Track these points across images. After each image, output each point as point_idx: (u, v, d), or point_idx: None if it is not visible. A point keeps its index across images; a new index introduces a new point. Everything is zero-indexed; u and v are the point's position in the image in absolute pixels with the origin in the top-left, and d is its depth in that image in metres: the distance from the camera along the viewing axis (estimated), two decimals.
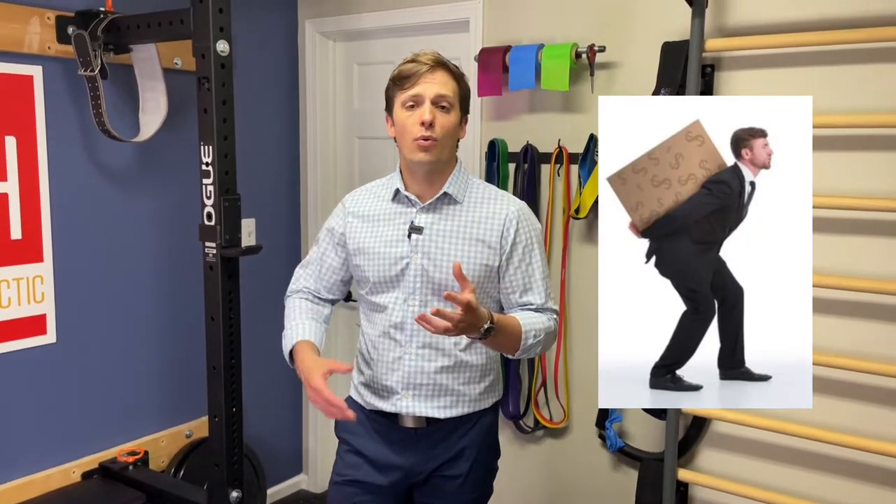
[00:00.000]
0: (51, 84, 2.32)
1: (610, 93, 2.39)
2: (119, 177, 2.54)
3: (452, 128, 1.69)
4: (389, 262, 1.73)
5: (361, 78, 3.10)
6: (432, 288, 1.72)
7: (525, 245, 1.74)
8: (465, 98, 1.74)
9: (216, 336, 2.21)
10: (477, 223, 1.72)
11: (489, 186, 1.81)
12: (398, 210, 1.76)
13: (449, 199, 1.73)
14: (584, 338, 2.53)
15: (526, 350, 1.67)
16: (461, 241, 1.71)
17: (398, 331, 1.75)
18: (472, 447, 1.79)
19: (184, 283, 2.75)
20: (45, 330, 2.37)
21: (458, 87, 1.70)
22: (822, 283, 2.03)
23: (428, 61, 1.67)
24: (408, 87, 1.66)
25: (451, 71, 1.70)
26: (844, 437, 2.04)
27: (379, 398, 1.78)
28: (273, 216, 3.12)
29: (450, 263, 1.70)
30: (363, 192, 1.86)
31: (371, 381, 1.80)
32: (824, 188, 2.08)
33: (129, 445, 2.61)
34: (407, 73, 1.67)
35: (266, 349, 2.90)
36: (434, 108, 1.65)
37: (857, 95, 2.03)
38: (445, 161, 1.72)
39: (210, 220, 2.17)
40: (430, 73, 1.66)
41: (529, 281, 1.74)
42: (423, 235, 1.72)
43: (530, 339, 1.66)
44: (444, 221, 1.72)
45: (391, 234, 1.75)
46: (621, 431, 2.48)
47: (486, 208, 1.74)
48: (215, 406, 2.24)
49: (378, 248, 1.75)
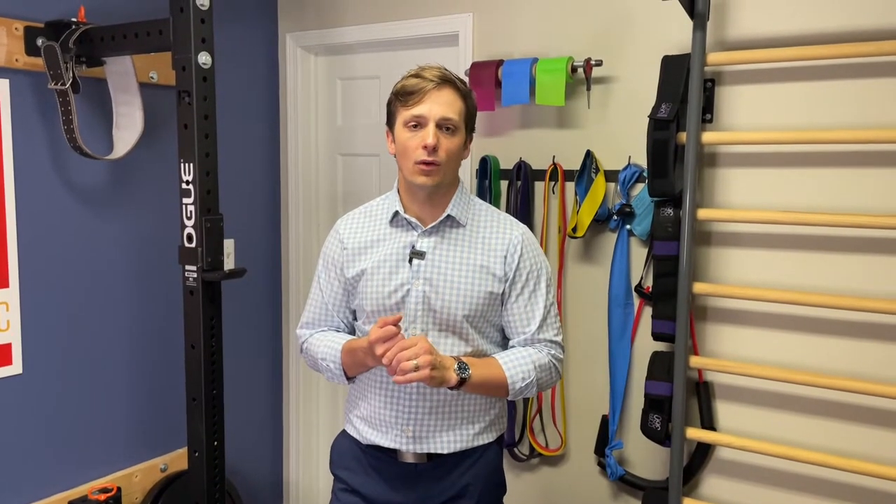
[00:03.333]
0: (18, 98, 2.18)
1: (607, 108, 2.32)
2: (91, 196, 2.40)
3: (457, 151, 1.60)
4: (389, 291, 1.64)
5: (344, 93, 3.01)
6: (433, 317, 1.62)
7: (529, 272, 1.65)
8: (472, 117, 1.64)
9: (197, 365, 2.07)
10: (481, 249, 1.63)
11: (491, 208, 1.72)
12: (397, 234, 1.66)
13: (452, 221, 1.64)
14: (582, 361, 2.44)
15: (519, 392, 1.61)
16: (465, 268, 1.62)
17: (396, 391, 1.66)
18: (477, 483, 1.68)
19: (158, 310, 2.61)
20: (10, 360, 2.22)
21: (464, 107, 1.61)
22: (832, 304, 1.97)
23: (434, 78, 1.57)
24: (411, 105, 1.56)
25: (458, 89, 1.60)
26: (853, 463, 1.97)
27: (377, 432, 1.67)
28: (252, 237, 3.00)
29: (453, 291, 1.61)
30: (358, 217, 1.75)
31: (368, 415, 1.69)
32: (828, 205, 2.03)
33: (100, 482, 2.45)
34: (411, 90, 1.57)
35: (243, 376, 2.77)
36: (438, 132, 1.55)
37: (860, 110, 1.98)
38: (448, 184, 1.62)
39: (191, 241, 2.04)
40: (435, 91, 1.56)
41: (532, 311, 1.65)
42: (426, 261, 1.62)
43: (518, 382, 1.59)
44: (448, 246, 1.63)
45: (390, 260, 1.65)
46: (622, 459, 2.39)
47: (491, 233, 1.65)
48: (195, 440, 2.10)
49: (376, 276, 1.65)
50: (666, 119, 2.07)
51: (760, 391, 2.17)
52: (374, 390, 1.67)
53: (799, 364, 2.10)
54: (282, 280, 3.12)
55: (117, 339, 2.51)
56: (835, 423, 2.07)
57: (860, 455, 2.03)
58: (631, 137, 2.28)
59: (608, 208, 2.33)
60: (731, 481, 2.23)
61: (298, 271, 3.09)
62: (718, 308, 2.21)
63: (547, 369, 1.65)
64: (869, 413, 2.03)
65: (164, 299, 2.61)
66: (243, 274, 2.11)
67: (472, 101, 1.65)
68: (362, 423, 1.71)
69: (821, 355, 2.07)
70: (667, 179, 2.09)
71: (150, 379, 2.62)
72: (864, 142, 1.94)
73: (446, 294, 1.61)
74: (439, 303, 1.61)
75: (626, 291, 2.33)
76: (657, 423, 2.16)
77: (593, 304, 2.40)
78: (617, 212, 2.30)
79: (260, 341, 3.03)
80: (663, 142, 2.08)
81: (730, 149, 2.16)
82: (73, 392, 2.39)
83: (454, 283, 1.61)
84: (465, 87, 1.63)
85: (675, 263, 2.13)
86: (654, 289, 2.18)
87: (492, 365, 1.59)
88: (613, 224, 2.33)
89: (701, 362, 2.16)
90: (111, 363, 2.49)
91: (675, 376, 2.13)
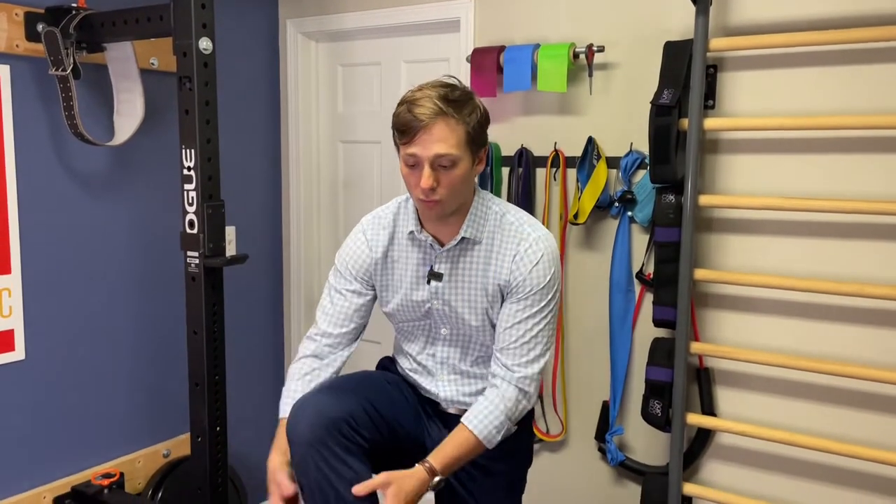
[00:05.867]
0: (19, 84, 2.18)
1: (609, 95, 2.32)
2: (93, 183, 2.40)
3: (459, 181, 1.54)
4: (413, 305, 1.70)
5: (346, 80, 3.00)
6: (455, 325, 1.70)
7: (526, 296, 1.61)
8: (477, 137, 1.54)
9: (199, 351, 2.08)
10: (494, 265, 1.63)
11: (509, 214, 1.66)
12: (416, 252, 1.68)
13: (467, 242, 1.64)
14: (583, 348, 2.45)
15: (498, 440, 1.62)
16: (477, 291, 1.65)
17: (430, 358, 1.76)
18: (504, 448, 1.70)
19: (160, 296, 2.61)
20: (12, 346, 2.22)
21: (465, 133, 1.50)
22: (833, 290, 1.97)
23: (425, 116, 1.47)
24: (405, 144, 1.51)
25: (453, 117, 1.49)
26: (854, 448, 1.98)
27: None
28: (253, 224, 3.00)
29: (467, 308, 1.66)
30: (380, 224, 1.73)
31: None
32: (829, 191, 2.03)
33: (103, 467, 2.46)
34: (403, 127, 1.50)
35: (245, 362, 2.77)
36: (434, 171, 1.50)
37: (863, 96, 1.97)
38: (459, 205, 1.61)
39: (192, 227, 2.04)
40: (426, 130, 1.47)
41: (515, 336, 1.62)
42: (443, 283, 1.65)
43: (495, 436, 1.60)
44: (464, 266, 1.65)
45: (412, 278, 1.69)
46: (622, 444, 2.40)
47: (504, 247, 1.63)
48: (198, 426, 2.11)
49: (401, 292, 1.71)
50: (668, 105, 2.06)
51: (761, 377, 2.17)
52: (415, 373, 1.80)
53: (800, 350, 2.11)
54: (283, 267, 3.13)
55: (120, 326, 2.51)
56: (835, 408, 2.08)
57: (860, 440, 2.04)
58: (633, 124, 2.27)
59: (610, 195, 2.33)
60: (731, 466, 2.24)
61: (300, 258, 3.09)
62: (719, 294, 2.21)
63: (517, 411, 1.63)
64: (869, 398, 2.03)
65: (166, 286, 2.62)
66: (245, 260, 2.11)
67: (473, 119, 1.52)
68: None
69: (822, 341, 2.08)
70: (668, 166, 2.09)
71: (153, 365, 2.63)
72: (867, 128, 1.94)
73: (464, 312, 1.66)
74: (456, 317, 1.68)
75: (627, 278, 2.33)
76: (658, 408, 2.17)
77: (594, 291, 2.40)
78: (618, 198, 2.30)
79: (262, 328, 3.04)
80: (665, 128, 2.08)
81: (732, 135, 2.15)
82: (76, 378, 2.40)
83: (470, 302, 1.65)
84: (463, 110, 1.50)
85: (676, 250, 2.13)
86: (656, 275, 2.18)
87: (456, 442, 1.59)
88: (615, 211, 2.33)
89: (702, 348, 2.17)
90: (113, 349, 2.50)
91: (676, 362, 2.14)
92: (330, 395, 1.58)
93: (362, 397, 1.61)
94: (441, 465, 1.54)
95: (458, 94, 1.52)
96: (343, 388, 1.64)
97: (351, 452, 1.53)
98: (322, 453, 1.50)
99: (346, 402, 1.56)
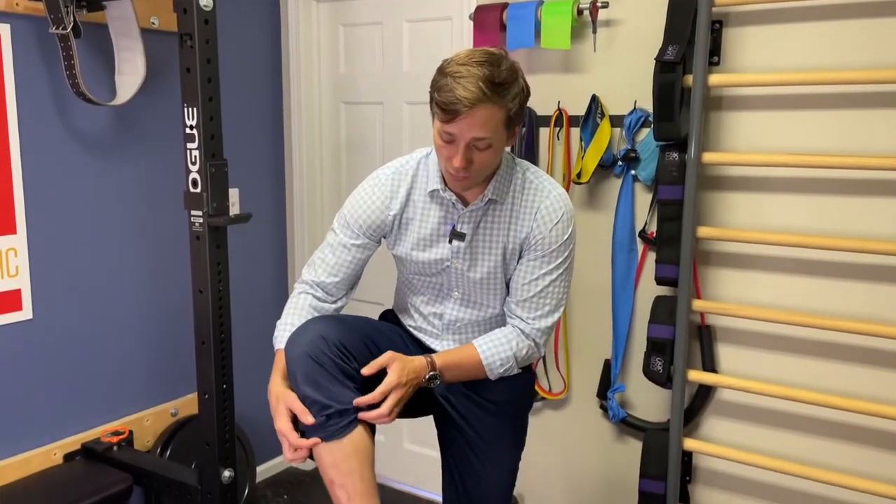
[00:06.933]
0: (20, 43, 2.17)
1: (613, 52, 2.30)
2: (96, 142, 2.40)
3: (491, 159, 1.54)
4: (430, 263, 1.70)
5: (347, 40, 2.97)
6: (472, 285, 1.70)
7: (544, 254, 1.64)
8: (517, 118, 1.54)
9: (204, 309, 2.10)
10: (515, 225, 1.64)
11: (530, 173, 1.67)
12: (437, 209, 1.68)
13: (492, 203, 1.65)
14: (585, 306, 2.46)
15: (498, 374, 1.66)
16: (498, 251, 1.66)
17: (437, 318, 1.77)
18: (505, 392, 1.75)
19: (166, 255, 2.63)
20: (20, 306, 2.25)
21: (504, 117, 1.49)
22: (838, 247, 1.97)
23: (468, 101, 1.44)
24: (445, 121, 1.49)
25: (496, 104, 1.47)
26: (854, 403, 2.00)
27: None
28: (256, 185, 3.00)
29: (485, 269, 1.68)
30: (400, 178, 1.70)
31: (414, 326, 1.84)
32: (835, 148, 2.02)
33: (112, 425, 2.50)
34: (445, 105, 1.46)
35: (251, 324, 2.79)
36: (469, 150, 1.50)
37: (869, 50, 1.96)
38: (481, 179, 1.61)
39: (195, 186, 2.05)
40: (467, 115, 1.45)
41: (532, 291, 1.65)
42: (465, 242, 1.66)
43: (497, 367, 1.65)
44: (486, 226, 1.66)
45: (430, 236, 1.68)
46: (624, 401, 2.43)
47: (525, 205, 1.64)
48: (205, 382, 2.14)
49: (417, 249, 1.70)
50: (672, 61, 2.05)
51: (762, 334, 2.19)
52: (412, 311, 1.82)
53: (801, 307, 2.12)
54: (286, 228, 3.14)
55: (126, 285, 2.53)
56: (836, 364, 2.10)
57: (860, 395, 2.06)
58: (637, 81, 2.26)
59: (613, 154, 2.32)
60: (731, 422, 2.27)
61: (303, 219, 3.10)
62: (722, 252, 2.22)
63: (525, 358, 1.68)
64: (870, 354, 2.05)
65: (171, 245, 2.63)
66: (248, 219, 2.12)
67: (517, 104, 1.51)
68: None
69: (823, 297, 2.09)
70: (672, 123, 2.08)
71: (160, 325, 2.65)
72: (874, 82, 1.92)
73: (484, 270, 1.67)
74: (477, 276, 1.68)
75: (630, 237, 2.33)
76: (659, 365, 2.19)
77: (597, 250, 2.41)
78: (622, 157, 2.30)
79: (266, 290, 3.06)
80: (669, 84, 2.06)
81: (737, 91, 2.14)
82: (84, 338, 2.43)
83: (489, 262, 1.67)
84: (506, 94, 1.48)
85: (679, 208, 2.13)
86: (658, 233, 2.19)
87: (463, 353, 1.65)
88: (618, 170, 2.33)
89: (703, 306, 2.18)
90: (120, 309, 2.53)
91: (678, 319, 2.15)
92: (329, 323, 1.59)
93: (362, 333, 1.63)
94: (441, 362, 1.60)
95: (504, 74, 1.47)
96: (343, 320, 1.65)
97: (346, 374, 1.54)
98: (320, 364, 1.52)
99: (344, 333, 1.58)
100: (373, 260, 1.79)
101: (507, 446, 1.81)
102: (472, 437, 1.76)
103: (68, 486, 2.21)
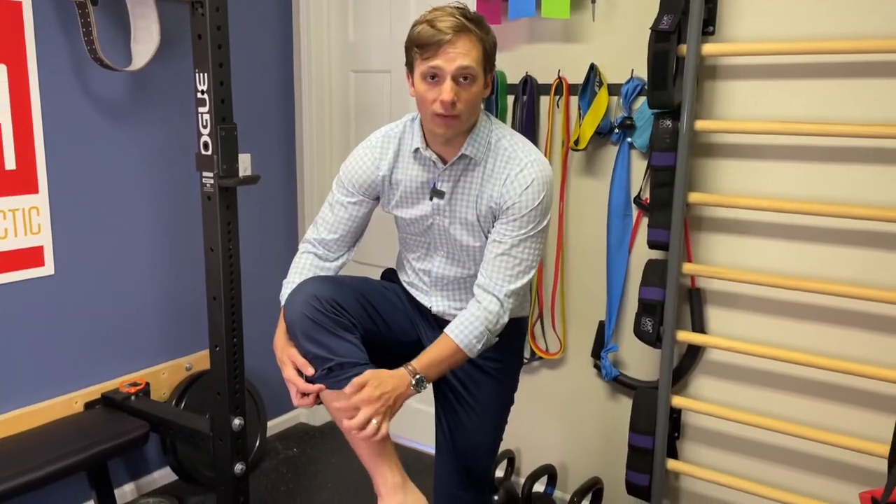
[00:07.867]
0: (40, 10, 2.26)
1: (612, 21, 2.35)
2: (113, 106, 2.51)
3: (475, 99, 1.63)
4: (416, 220, 1.80)
5: (357, 7, 3.04)
6: (455, 243, 1.79)
7: (515, 218, 1.68)
8: (491, 57, 1.64)
9: (215, 267, 2.21)
10: (487, 188, 1.71)
11: (507, 137, 1.73)
12: (420, 169, 1.77)
13: (468, 160, 1.72)
14: (581, 269, 2.55)
15: (478, 350, 1.71)
16: (472, 211, 1.74)
17: (426, 275, 1.87)
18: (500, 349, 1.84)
19: (181, 215, 2.74)
20: (42, 262, 2.37)
21: (482, 50, 1.60)
22: (826, 212, 2.03)
23: (449, 29, 1.54)
24: (427, 58, 1.57)
25: (475, 33, 1.58)
26: (839, 363, 2.06)
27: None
28: (267, 152, 3.09)
29: (466, 229, 1.75)
30: (388, 140, 1.80)
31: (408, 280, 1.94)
32: (828, 116, 2.07)
33: (130, 377, 2.64)
34: (425, 42, 1.56)
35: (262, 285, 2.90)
36: (455, 84, 1.58)
37: (864, 19, 2.00)
38: (468, 125, 1.69)
39: (207, 149, 2.15)
40: (450, 44, 1.55)
41: (502, 252, 1.70)
42: (444, 200, 1.74)
43: (475, 346, 1.69)
44: (464, 185, 1.73)
45: (415, 194, 1.78)
46: (616, 361, 2.52)
47: (501, 171, 1.70)
48: (216, 336, 2.26)
49: (404, 207, 1.80)
50: (667, 31, 2.10)
51: (751, 297, 2.26)
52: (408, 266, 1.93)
53: (789, 270, 2.19)
54: (297, 194, 3.23)
55: (142, 244, 2.65)
56: (822, 326, 2.16)
57: (846, 356, 2.11)
58: (634, 50, 2.31)
59: (610, 121, 2.39)
60: (719, 381, 2.35)
61: (313, 184, 3.19)
62: (713, 217, 2.29)
63: (495, 328, 1.71)
64: (855, 316, 2.11)
65: (186, 205, 2.74)
66: (257, 180, 2.22)
67: (489, 39, 1.63)
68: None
69: (811, 262, 2.15)
70: (666, 91, 2.13)
71: (174, 282, 2.78)
72: (869, 52, 1.96)
73: (463, 231, 1.76)
74: (459, 236, 1.77)
75: (625, 202, 2.41)
76: (649, 325, 2.28)
77: (593, 215, 2.49)
78: (619, 125, 2.36)
79: (278, 252, 3.17)
80: (664, 53, 2.12)
81: (731, 61, 2.19)
82: (104, 293, 2.55)
83: (468, 221, 1.74)
84: (481, 29, 1.60)
85: (671, 174, 2.20)
86: (651, 199, 2.26)
87: (437, 349, 1.69)
88: (615, 137, 2.39)
89: (693, 269, 2.26)
90: (137, 266, 2.65)
91: (668, 282, 2.23)
92: (321, 282, 1.72)
93: (356, 291, 1.75)
94: (420, 365, 1.64)
95: (474, 13, 1.62)
96: (336, 279, 1.78)
97: (342, 326, 1.66)
98: (315, 322, 1.64)
99: (336, 290, 1.69)
100: (376, 225, 1.90)
101: (495, 404, 1.93)
102: (462, 395, 1.89)
103: (90, 431, 2.35)
